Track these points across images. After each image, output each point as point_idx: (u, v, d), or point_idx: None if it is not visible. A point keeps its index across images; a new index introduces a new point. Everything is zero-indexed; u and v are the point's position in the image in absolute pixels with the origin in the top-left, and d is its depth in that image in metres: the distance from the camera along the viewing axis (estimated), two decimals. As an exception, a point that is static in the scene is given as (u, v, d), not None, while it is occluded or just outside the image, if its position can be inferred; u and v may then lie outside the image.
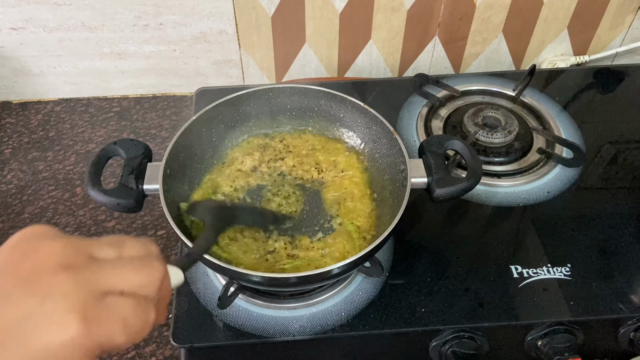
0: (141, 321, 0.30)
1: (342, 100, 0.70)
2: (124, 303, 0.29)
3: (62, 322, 0.27)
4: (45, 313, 0.27)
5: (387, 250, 0.69)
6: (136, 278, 0.31)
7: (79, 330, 0.27)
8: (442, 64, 1.04)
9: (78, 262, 0.29)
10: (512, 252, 0.70)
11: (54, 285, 0.28)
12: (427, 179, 0.62)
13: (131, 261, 0.31)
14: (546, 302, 0.64)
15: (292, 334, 0.62)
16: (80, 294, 0.28)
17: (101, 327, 0.28)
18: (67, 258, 0.29)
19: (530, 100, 0.89)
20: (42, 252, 0.29)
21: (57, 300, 0.27)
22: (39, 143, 0.95)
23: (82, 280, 0.28)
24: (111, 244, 0.32)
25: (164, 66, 0.99)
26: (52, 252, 0.29)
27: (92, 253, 0.31)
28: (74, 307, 0.27)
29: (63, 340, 0.26)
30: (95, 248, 0.31)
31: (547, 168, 0.79)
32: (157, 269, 0.32)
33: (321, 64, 1.02)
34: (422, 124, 0.84)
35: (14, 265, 0.29)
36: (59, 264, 0.28)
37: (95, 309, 0.28)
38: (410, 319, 0.63)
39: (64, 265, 0.29)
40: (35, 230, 0.31)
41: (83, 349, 0.27)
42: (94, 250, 0.31)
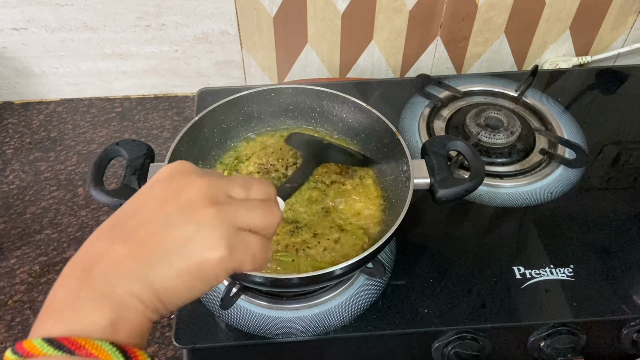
0: (264, 255, 0.37)
1: (344, 101, 0.70)
2: (254, 239, 0.36)
3: (214, 246, 0.33)
4: (201, 238, 0.33)
5: (390, 251, 0.69)
6: (263, 220, 0.36)
7: (225, 254, 0.33)
8: (444, 65, 1.04)
9: (221, 200, 0.35)
10: (515, 253, 0.69)
11: (206, 217, 0.34)
12: (429, 180, 0.62)
13: (259, 204, 0.37)
14: (549, 303, 0.64)
15: (294, 334, 0.62)
16: (225, 227, 0.34)
17: (238, 254, 0.34)
18: (213, 195, 0.35)
19: (532, 101, 0.89)
20: (194, 187, 0.35)
21: (210, 229, 0.33)
22: (41, 143, 0.95)
23: (225, 216, 0.34)
24: (242, 185, 0.37)
25: (165, 67, 0.99)
26: (201, 188, 0.35)
27: (230, 192, 0.36)
28: (222, 236, 0.33)
29: (213, 260, 0.33)
30: (230, 188, 0.37)
31: (549, 169, 0.79)
32: (276, 214, 0.38)
33: (323, 65, 1.02)
34: (424, 124, 0.84)
35: (173, 196, 0.35)
36: (208, 199, 0.34)
37: (235, 240, 0.34)
38: (412, 320, 0.63)
39: (212, 201, 0.35)
40: (183, 166, 0.37)
41: (224, 269, 0.34)
42: (230, 189, 0.37)
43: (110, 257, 0.33)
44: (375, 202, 0.67)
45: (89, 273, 0.32)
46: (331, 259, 0.61)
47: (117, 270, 0.32)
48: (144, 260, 0.33)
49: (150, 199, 0.36)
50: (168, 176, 0.37)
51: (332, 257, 0.61)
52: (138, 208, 0.36)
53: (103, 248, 0.34)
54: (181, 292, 0.34)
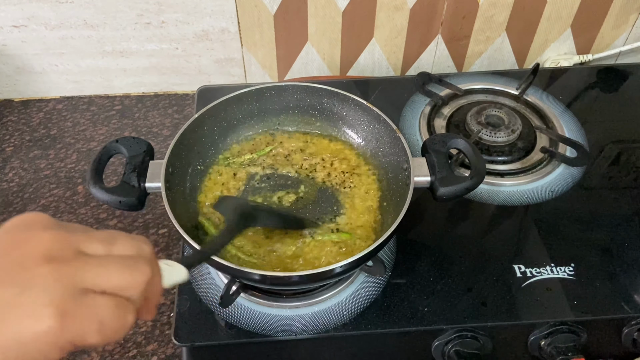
0: (118, 322, 0.30)
1: (344, 99, 0.70)
2: (103, 303, 0.29)
3: (37, 314, 0.27)
4: (22, 304, 0.27)
5: (390, 249, 0.69)
6: (120, 279, 0.30)
7: (53, 325, 0.27)
8: (445, 63, 1.04)
9: (63, 256, 0.29)
10: (515, 251, 0.69)
11: (35, 277, 0.28)
12: (430, 178, 0.62)
13: (119, 260, 0.31)
14: (549, 302, 0.64)
15: (294, 333, 0.62)
16: (59, 288, 0.28)
17: (76, 324, 0.28)
18: (53, 251, 0.29)
19: (533, 99, 0.88)
20: (31, 242, 0.29)
21: (36, 292, 0.27)
22: (41, 141, 0.95)
23: (63, 275, 0.28)
24: (102, 240, 0.32)
25: (165, 64, 0.99)
26: (40, 244, 0.29)
27: (81, 247, 0.31)
28: (51, 301, 0.27)
29: (35, 333, 0.27)
30: (84, 242, 0.31)
31: (550, 167, 0.78)
32: (143, 271, 0.32)
33: (323, 63, 1.02)
34: (425, 122, 0.84)
35: (7, 251, 0.29)
36: (44, 256, 0.28)
37: (73, 305, 0.28)
38: (412, 319, 0.63)
39: (49, 258, 0.29)
40: (29, 217, 0.31)
41: (54, 344, 0.27)
42: (83, 244, 0.31)
43: None
44: (375, 200, 0.67)
45: None
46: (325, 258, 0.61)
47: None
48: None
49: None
50: (9, 228, 0.31)
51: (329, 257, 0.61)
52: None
53: None
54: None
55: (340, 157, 0.71)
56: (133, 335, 0.72)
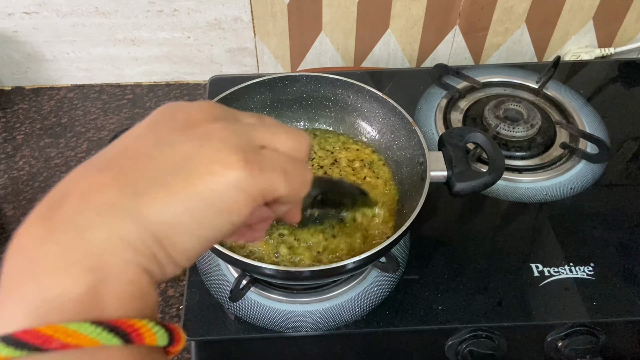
0: (301, 176, 0.28)
1: (359, 90, 0.68)
2: (282, 156, 0.28)
3: (224, 162, 0.25)
4: (207, 154, 0.25)
5: (404, 244, 0.68)
6: (288, 140, 0.28)
7: (242, 172, 0.25)
8: (462, 55, 1.01)
9: (229, 118, 0.28)
10: (533, 249, 0.67)
11: (212, 131, 0.26)
12: (447, 173, 0.60)
13: (280, 126, 0.30)
14: (567, 302, 0.62)
15: (304, 329, 0.60)
16: (238, 139, 0.26)
17: (263, 173, 0.26)
18: (217, 114, 0.28)
19: (553, 93, 0.86)
20: (193, 109, 0.28)
21: (217, 143, 0.25)
22: (52, 129, 0.95)
23: (237, 130, 0.26)
24: (254, 116, 0.30)
25: (177, 53, 0.98)
26: (202, 109, 0.28)
27: (239, 117, 0.29)
28: (235, 149, 0.25)
29: (227, 181, 0.24)
30: (240, 114, 0.30)
31: (570, 163, 0.76)
32: (306, 137, 0.30)
33: (337, 53, 1.00)
34: (441, 116, 0.82)
35: (166, 119, 0.27)
36: (211, 117, 0.27)
37: (255, 155, 0.26)
38: (426, 317, 0.61)
39: (217, 118, 0.27)
40: (174, 102, 0.29)
41: (248, 193, 0.25)
42: (240, 115, 0.29)
43: (78, 192, 0.23)
44: (389, 194, 0.66)
45: (51, 220, 0.23)
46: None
47: (89, 206, 0.23)
48: (129, 186, 0.23)
49: (137, 128, 0.28)
50: (159, 109, 0.29)
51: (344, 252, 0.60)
52: (121, 140, 0.27)
53: (70, 186, 0.24)
54: (188, 229, 0.24)
55: (355, 149, 0.70)
56: (141, 327, 0.71)
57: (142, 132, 0.27)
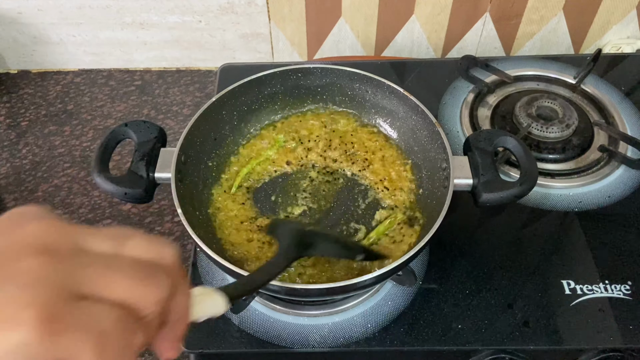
0: (122, 342, 0.22)
1: (379, 85, 0.63)
2: (105, 313, 0.22)
3: (14, 318, 0.20)
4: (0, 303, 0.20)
5: (421, 255, 0.62)
6: (128, 289, 0.23)
7: (34, 333, 0.20)
8: (492, 44, 0.94)
9: (59, 249, 0.23)
10: (564, 264, 0.62)
11: (19, 271, 0.21)
12: (472, 181, 0.54)
13: (129, 264, 0.24)
14: (601, 325, 0.57)
15: (311, 345, 0.56)
16: (47, 286, 0.21)
17: (66, 335, 0.21)
18: (47, 241, 0.23)
19: (592, 90, 0.79)
20: (22, 230, 0.23)
21: (18, 289, 0.21)
22: (57, 116, 0.91)
23: (55, 271, 0.22)
24: (110, 237, 0.25)
25: (188, 38, 0.93)
26: (34, 233, 0.23)
27: (83, 244, 0.24)
28: (32, 302, 0.20)
29: (10, 343, 0.20)
30: (87, 237, 0.24)
31: (608, 168, 0.70)
32: (160, 285, 0.24)
33: (357, 41, 0.94)
34: (467, 112, 0.76)
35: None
36: (35, 248, 0.22)
37: (63, 309, 0.21)
38: (444, 336, 0.56)
39: (41, 249, 0.22)
40: (26, 209, 0.25)
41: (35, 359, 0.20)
42: (87, 240, 0.24)
43: None
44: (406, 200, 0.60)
45: None
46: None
47: None
48: None
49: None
50: (7, 215, 0.25)
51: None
52: None
53: None
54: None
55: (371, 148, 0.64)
56: (141, 331, 0.67)
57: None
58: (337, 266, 0.55)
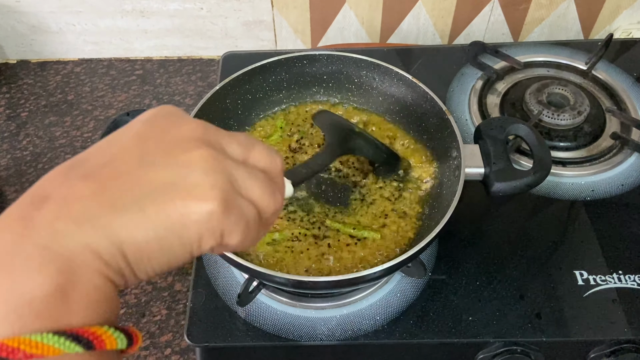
0: (257, 233, 0.29)
1: (386, 72, 0.61)
2: (250, 209, 0.28)
3: (204, 195, 0.25)
4: (189, 183, 0.25)
5: (431, 246, 0.61)
6: (260, 195, 0.28)
7: (216, 211, 0.25)
8: (500, 30, 0.92)
9: (217, 147, 0.27)
10: (577, 255, 0.60)
11: (198, 159, 0.26)
12: (484, 170, 0.53)
13: (259, 176, 0.29)
14: (614, 316, 0.56)
15: (319, 338, 0.55)
16: (222, 176, 0.26)
17: (231, 217, 0.26)
18: (208, 138, 0.27)
19: (603, 76, 0.77)
20: (185, 126, 0.27)
21: (202, 173, 0.25)
22: (57, 107, 0.89)
23: (223, 166, 0.26)
24: (241, 144, 0.29)
25: (189, 26, 0.91)
26: (195, 129, 0.27)
27: (226, 146, 0.28)
28: (217, 185, 0.25)
29: (201, 213, 0.25)
30: (227, 140, 0.28)
31: (621, 156, 0.68)
32: (278, 200, 0.30)
33: (362, 28, 0.92)
34: (476, 99, 0.74)
35: (157, 134, 0.27)
36: (202, 141, 0.27)
37: (232, 196, 0.26)
38: (455, 328, 0.55)
39: (208, 143, 0.27)
40: (169, 109, 0.29)
41: (212, 230, 0.26)
42: (226, 142, 0.28)
43: (60, 198, 0.24)
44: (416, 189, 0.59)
45: (31, 220, 0.23)
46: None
47: (69, 214, 0.23)
48: (108, 202, 0.24)
49: (125, 136, 0.27)
50: (152, 115, 0.28)
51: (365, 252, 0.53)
52: (107, 145, 0.27)
53: (52, 188, 0.24)
54: (154, 253, 0.25)
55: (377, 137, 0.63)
56: (146, 324, 0.67)
57: (130, 143, 0.27)
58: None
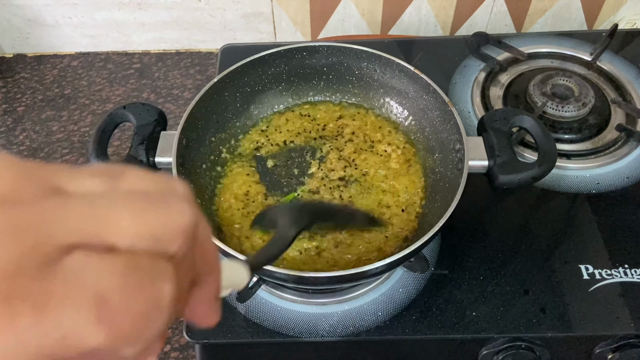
0: (141, 297, 0.16)
1: (388, 63, 0.60)
2: (106, 265, 0.16)
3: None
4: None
5: (434, 240, 0.60)
6: (138, 220, 0.17)
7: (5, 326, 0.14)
8: (502, 21, 0.91)
9: (24, 196, 0.16)
10: (582, 248, 0.59)
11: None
12: (487, 162, 0.52)
13: (130, 195, 0.18)
14: (621, 311, 0.55)
15: (320, 334, 0.54)
16: (9, 251, 0.15)
17: (46, 313, 0.15)
18: (13, 189, 0.16)
19: (608, 67, 0.76)
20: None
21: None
22: (54, 101, 0.88)
23: (20, 226, 0.15)
24: (100, 174, 0.18)
25: (187, 19, 0.90)
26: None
27: (59, 185, 0.17)
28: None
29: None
30: (68, 177, 0.18)
31: (626, 148, 0.67)
32: (182, 209, 0.18)
33: (363, 20, 0.91)
34: (479, 92, 0.73)
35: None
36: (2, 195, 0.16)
37: (37, 278, 0.15)
38: (458, 324, 0.54)
39: (5, 199, 0.16)
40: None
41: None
42: (66, 180, 0.18)
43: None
44: (418, 183, 0.58)
45: None
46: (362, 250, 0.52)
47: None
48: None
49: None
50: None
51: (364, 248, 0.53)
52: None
53: None
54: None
55: (381, 132, 0.62)
56: (145, 320, 0.66)
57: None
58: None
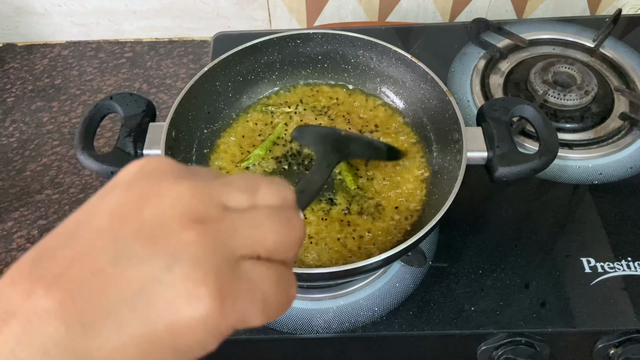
0: (283, 297, 0.23)
1: (384, 51, 0.58)
2: (264, 273, 0.23)
3: (193, 295, 0.20)
4: (172, 282, 0.20)
5: (432, 233, 0.58)
6: (276, 238, 0.23)
7: (213, 308, 0.20)
8: (503, 7, 0.89)
9: (210, 215, 0.22)
10: (584, 241, 0.58)
11: (183, 245, 0.21)
12: (487, 154, 0.51)
13: (270, 215, 0.24)
14: (623, 305, 0.54)
15: (315, 330, 0.53)
16: (215, 260, 0.21)
17: (238, 304, 0.21)
18: (196, 208, 0.22)
19: (611, 53, 0.74)
20: (167, 196, 0.22)
21: (188, 265, 0.21)
22: (44, 91, 0.86)
23: (216, 241, 0.22)
24: (244, 189, 0.24)
25: (180, 6, 0.87)
26: (178, 199, 0.22)
27: (223, 200, 0.23)
28: (208, 277, 0.21)
29: (193, 319, 0.20)
30: (226, 194, 0.24)
31: (630, 138, 0.65)
32: (298, 226, 0.25)
33: (359, 6, 0.88)
34: (478, 80, 0.71)
35: (133, 212, 0.22)
36: (187, 216, 0.22)
37: (232, 281, 0.21)
38: (456, 319, 0.53)
39: (194, 218, 0.22)
40: (156, 164, 0.24)
41: (214, 332, 0.21)
42: (226, 197, 0.24)
43: (24, 317, 0.20)
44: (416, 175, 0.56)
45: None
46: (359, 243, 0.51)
47: (32, 339, 0.20)
48: (76, 319, 0.20)
49: (98, 216, 0.22)
50: (130, 180, 0.23)
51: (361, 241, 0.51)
52: (77, 228, 0.22)
53: (15, 298, 0.20)
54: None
55: (377, 120, 0.60)
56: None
57: (103, 227, 0.22)
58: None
